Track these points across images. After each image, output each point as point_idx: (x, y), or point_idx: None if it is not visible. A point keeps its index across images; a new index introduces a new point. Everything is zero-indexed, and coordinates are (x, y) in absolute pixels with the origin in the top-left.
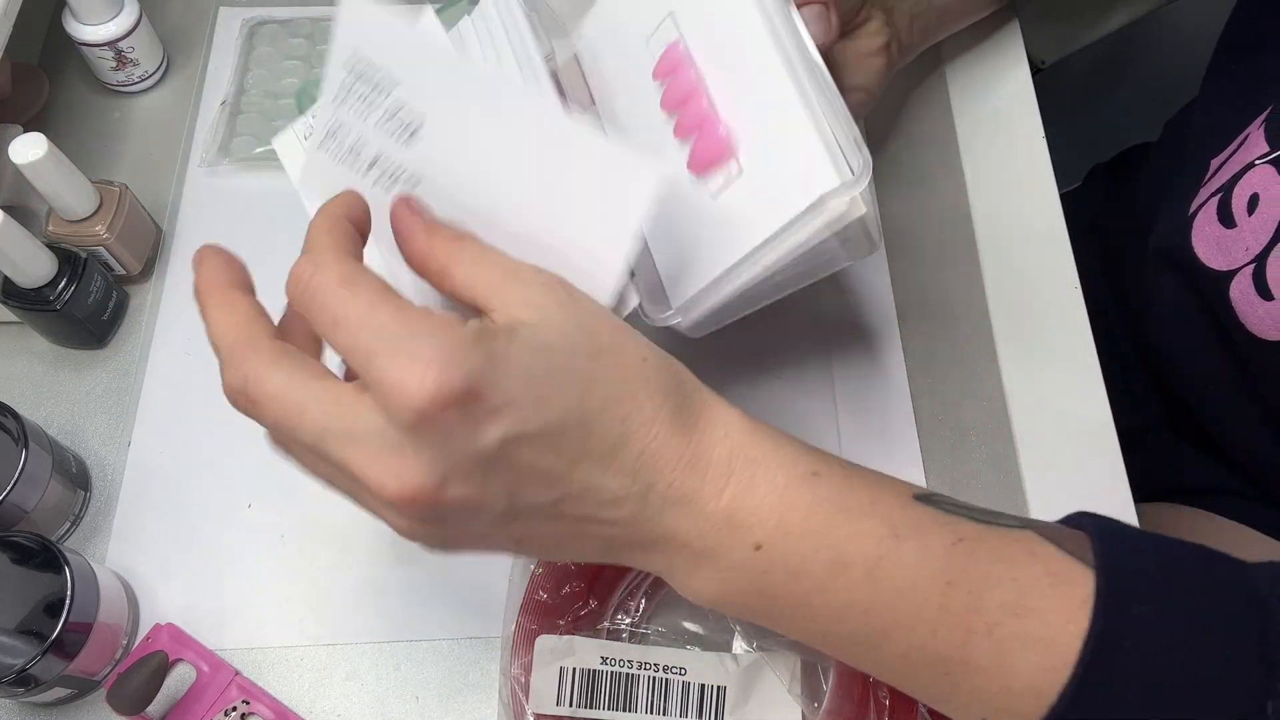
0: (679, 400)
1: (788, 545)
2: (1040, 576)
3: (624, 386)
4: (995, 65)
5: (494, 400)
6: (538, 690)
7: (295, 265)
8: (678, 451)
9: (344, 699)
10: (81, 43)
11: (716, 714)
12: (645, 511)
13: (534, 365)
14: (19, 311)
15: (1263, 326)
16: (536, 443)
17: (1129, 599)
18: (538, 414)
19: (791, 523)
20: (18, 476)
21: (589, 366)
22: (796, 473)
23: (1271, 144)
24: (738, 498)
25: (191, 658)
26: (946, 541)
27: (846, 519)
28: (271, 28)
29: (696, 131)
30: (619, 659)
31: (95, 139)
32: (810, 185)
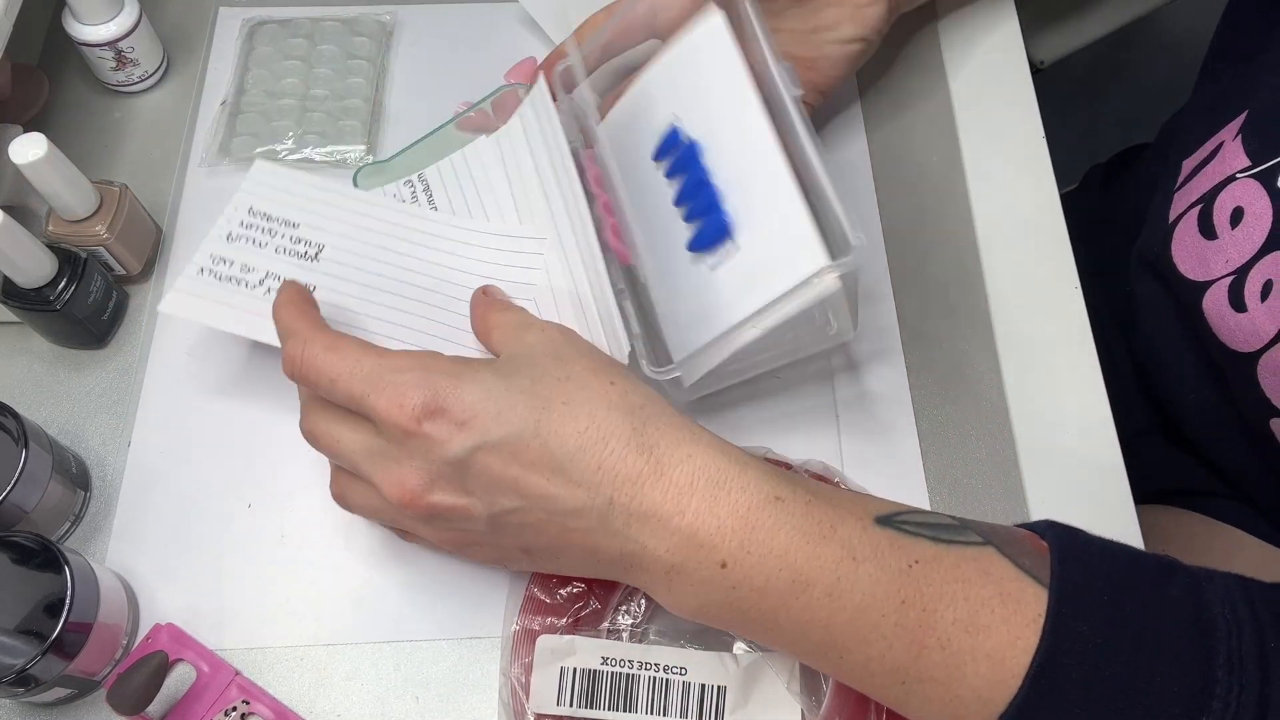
0: (641, 420)
1: (751, 564)
2: (992, 596)
3: (584, 406)
4: (995, 65)
5: (458, 414)
6: (538, 690)
7: (285, 350)
8: (636, 468)
9: (344, 699)
10: (81, 43)
11: (716, 714)
12: (610, 524)
13: (495, 384)
14: (19, 311)
15: (1235, 338)
16: (499, 450)
17: (1077, 618)
18: (498, 425)
19: (754, 543)
20: (18, 476)
21: (552, 387)
22: (760, 496)
23: (1252, 157)
24: (700, 517)
25: (191, 658)
26: (903, 564)
27: (806, 542)
28: (271, 28)
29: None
30: (619, 659)
31: (95, 139)
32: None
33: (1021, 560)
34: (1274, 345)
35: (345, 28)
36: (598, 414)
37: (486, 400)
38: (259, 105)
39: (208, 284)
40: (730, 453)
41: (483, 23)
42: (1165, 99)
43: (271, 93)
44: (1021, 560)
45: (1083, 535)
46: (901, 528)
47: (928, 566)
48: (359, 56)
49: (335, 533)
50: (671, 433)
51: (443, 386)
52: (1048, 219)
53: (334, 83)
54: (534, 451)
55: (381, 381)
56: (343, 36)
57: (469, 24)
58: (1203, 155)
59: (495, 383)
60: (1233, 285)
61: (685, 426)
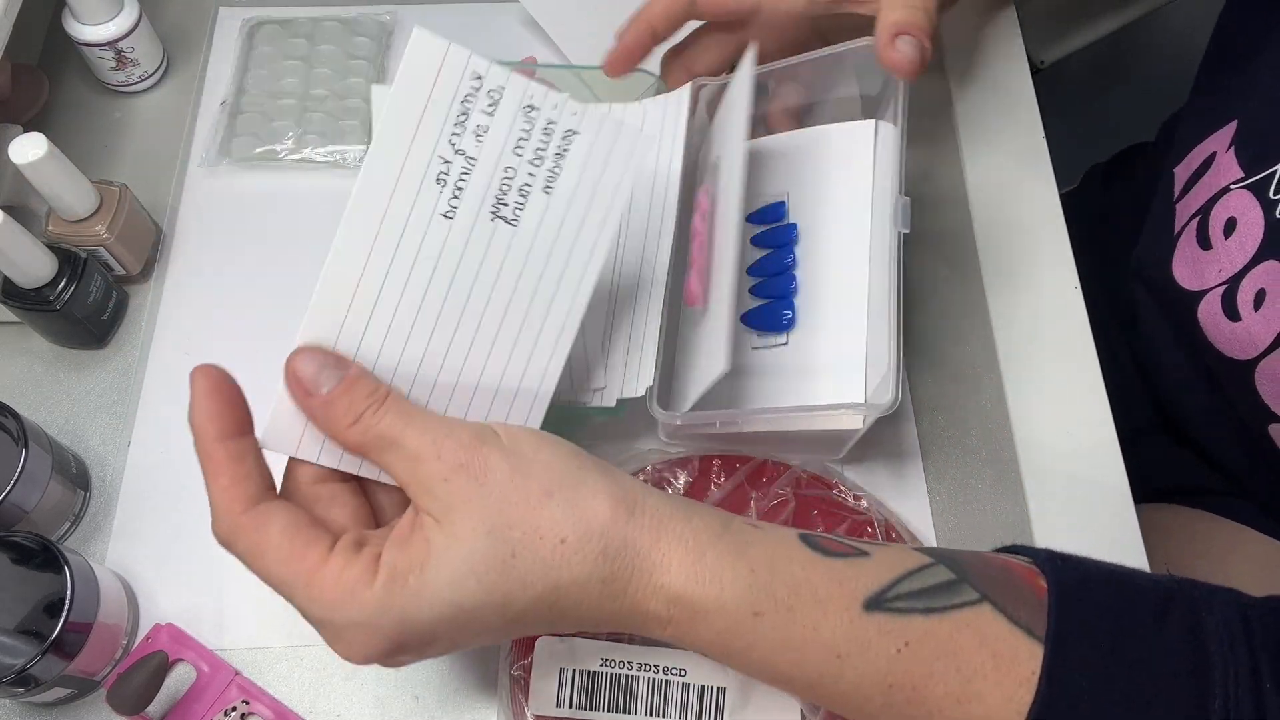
0: (608, 569)
1: (734, 664)
2: (985, 662)
3: (544, 584)
4: (995, 65)
5: (416, 644)
6: (538, 691)
7: (213, 526)
8: (611, 611)
9: (344, 699)
10: (81, 43)
11: (716, 715)
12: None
13: (445, 611)
14: (19, 311)
15: (1230, 346)
16: (473, 641)
17: (1073, 670)
18: (464, 635)
19: (734, 652)
20: (18, 476)
21: (503, 581)
22: (737, 617)
23: (1245, 169)
24: (680, 637)
25: (191, 658)
26: (890, 650)
27: (787, 651)
28: (271, 28)
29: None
30: (619, 660)
31: (95, 139)
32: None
33: (1017, 614)
34: (1271, 352)
35: (345, 28)
36: (562, 585)
37: (448, 626)
38: (259, 105)
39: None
40: (704, 570)
41: (483, 23)
42: (1165, 99)
43: (271, 93)
44: (1017, 614)
45: (1081, 569)
46: (892, 607)
47: (917, 647)
48: (359, 56)
49: None
50: (640, 566)
51: (392, 633)
52: (1048, 219)
53: (334, 83)
54: (514, 629)
55: (322, 622)
56: (343, 36)
57: (469, 24)
58: (1195, 165)
59: (444, 608)
60: (1225, 294)
61: (652, 549)
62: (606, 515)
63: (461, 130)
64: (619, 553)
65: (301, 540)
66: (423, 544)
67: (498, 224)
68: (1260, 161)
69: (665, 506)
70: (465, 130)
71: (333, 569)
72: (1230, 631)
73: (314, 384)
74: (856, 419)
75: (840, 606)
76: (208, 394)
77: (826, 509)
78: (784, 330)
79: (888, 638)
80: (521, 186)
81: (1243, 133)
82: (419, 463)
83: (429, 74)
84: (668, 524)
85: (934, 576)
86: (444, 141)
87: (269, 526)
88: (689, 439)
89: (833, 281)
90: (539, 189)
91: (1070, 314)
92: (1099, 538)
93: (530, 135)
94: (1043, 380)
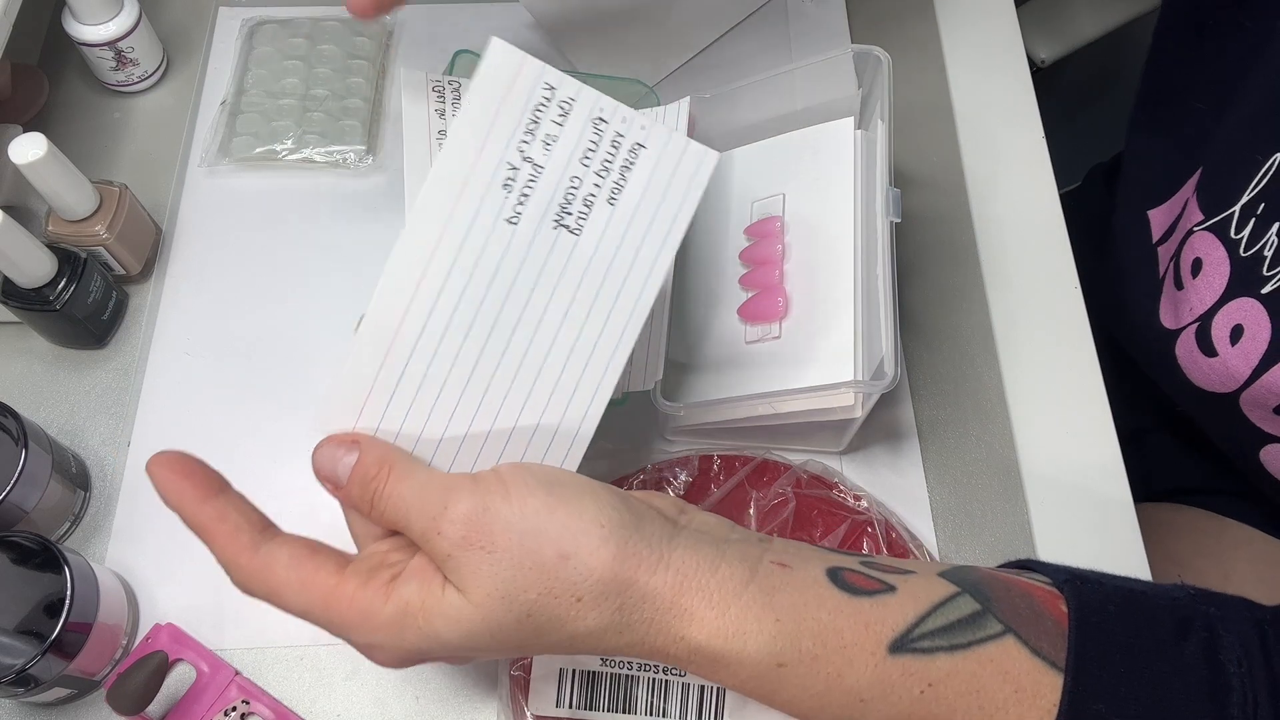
0: (624, 620)
1: (757, 700)
2: (1008, 696)
3: (559, 635)
4: (995, 65)
5: (439, 654)
6: (537, 691)
7: (232, 582)
8: (631, 649)
9: (344, 699)
10: (81, 43)
11: (716, 715)
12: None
13: (458, 645)
14: (19, 311)
15: (1209, 381)
16: (490, 654)
17: (1093, 698)
18: (479, 653)
19: (757, 696)
20: (18, 476)
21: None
22: (760, 669)
23: (1205, 211)
24: (702, 677)
25: (191, 658)
26: (914, 693)
27: (809, 698)
28: (271, 28)
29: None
30: (619, 660)
31: (95, 139)
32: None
33: (1040, 645)
34: (1252, 384)
35: (345, 28)
36: (574, 621)
37: (466, 639)
38: (259, 105)
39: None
40: (729, 624)
41: (483, 23)
42: None
43: (271, 93)
44: (1040, 645)
45: (1100, 591)
46: (917, 648)
47: (941, 687)
48: (359, 56)
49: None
50: (660, 619)
51: (413, 649)
52: (1048, 219)
53: (334, 83)
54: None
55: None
56: (343, 36)
57: (469, 24)
58: (1174, 211)
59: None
60: (1199, 331)
61: (676, 603)
62: (627, 574)
63: (531, 138)
64: (638, 605)
65: (310, 567)
66: (438, 591)
67: (560, 232)
68: (1219, 204)
69: (691, 559)
70: (534, 138)
71: (346, 591)
72: (1247, 650)
73: (335, 478)
74: (857, 405)
75: (866, 652)
76: (169, 478)
77: (826, 509)
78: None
79: (912, 679)
80: (586, 196)
81: (1205, 177)
82: (426, 540)
83: (504, 82)
84: (692, 578)
85: (959, 609)
86: (513, 148)
87: (275, 565)
88: (690, 433)
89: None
90: (603, 200)
91: (1070, 314)
92: (1099, 538)
93: (598, 147)
94: (1043, 380)
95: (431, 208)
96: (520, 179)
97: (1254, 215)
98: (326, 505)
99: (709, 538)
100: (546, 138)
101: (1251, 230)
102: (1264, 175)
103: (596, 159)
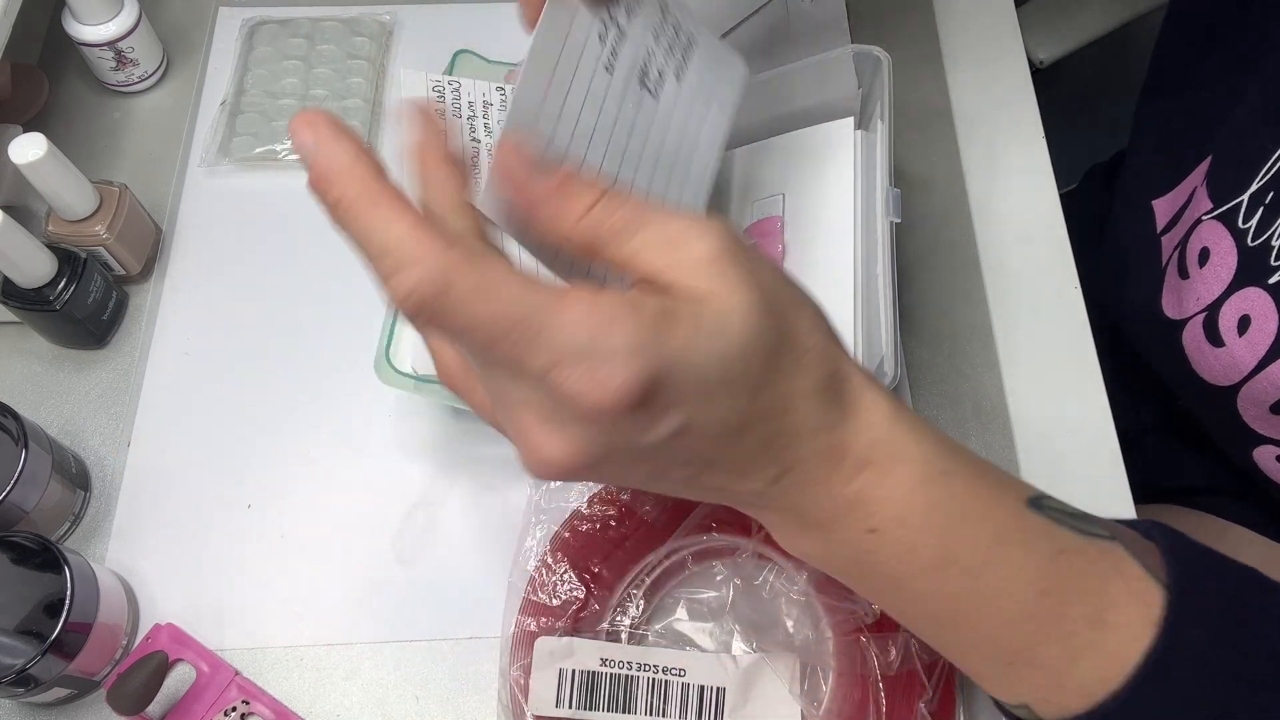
0: (833, 393)
1: (900, 535)
2: (1121, 594)
3: (787, 387)
4: (995, 65)
5: (666, 402)
6: (537, 692)
7: (379, 269)
8: (823, 443)
9: (344, 699)
10: (81, 43)
11: (716, 715)
12: (772, 489)
13: (710, 369)
14: (19, 311)
15: (1213, 373)
16: (695, 436)
17: (1190, 622)
18: (704, 412)
19: (910, 518)
20: (18, 476)
21: (761, 369)
22: (930, 470)
23: (1214, 200)
24: (868, 488)
25: (191, 658)
26: (1050, 551)
27: (963, 523)
28: (271, 28)
29: None
30: (618, 660)
31: (95, 139)
32: None
33: (1147, 560)
34: (1253, 377)
35: (345, 28)
36: (797, 395)
37: (702, 388)
38: (259, 105)
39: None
40: (906, 419)
41: (483, 23)
42: None
43: (271, 93)
44: (1147, 560)
45: (1186, 539)
46: (1050, 514)
47: (1071, 557)
48: (359, 56)
49: (335, 533)
50: (857, 401)
51: (656, 367)
52: (1048, 219)
53: (334, 83)
54: (731, 438)
55: (574, 353)
56: (343, 36)
57: (469, 24)
58: (1179, 200)
59: (709, 365)
60: (1206, 321)
61: (867, 389)
62: (835, 352)
63: (617, 5)
64: (845, 381)
65: (528, 276)
66: (688, 301)
67: (644, 93)
68: (1228, 194)
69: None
70: (620, 6)
71: (583, 294)
72: None
73: (525, 174)
74: None
75: (1011, 497)
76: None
77: None
78: None
79: (1047, 539)
80: (659, 68)
81: (1215, 167)
82: (678, 246)
83: None
84: (870, 383)
85: (1075, 508)
86: (604, 9)
87: (488, 256)
88: None
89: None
90: (672, 74)
91: (1070, 314)
92: None
93: (664, 29)
94: (1043, 381)
95: (546, 39)
96: (610, 36)
97: (1262, 204)
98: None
99: None
100: (629, 4)
101: (1260, 219)
102: (1273, 164)
103: (664, 39)
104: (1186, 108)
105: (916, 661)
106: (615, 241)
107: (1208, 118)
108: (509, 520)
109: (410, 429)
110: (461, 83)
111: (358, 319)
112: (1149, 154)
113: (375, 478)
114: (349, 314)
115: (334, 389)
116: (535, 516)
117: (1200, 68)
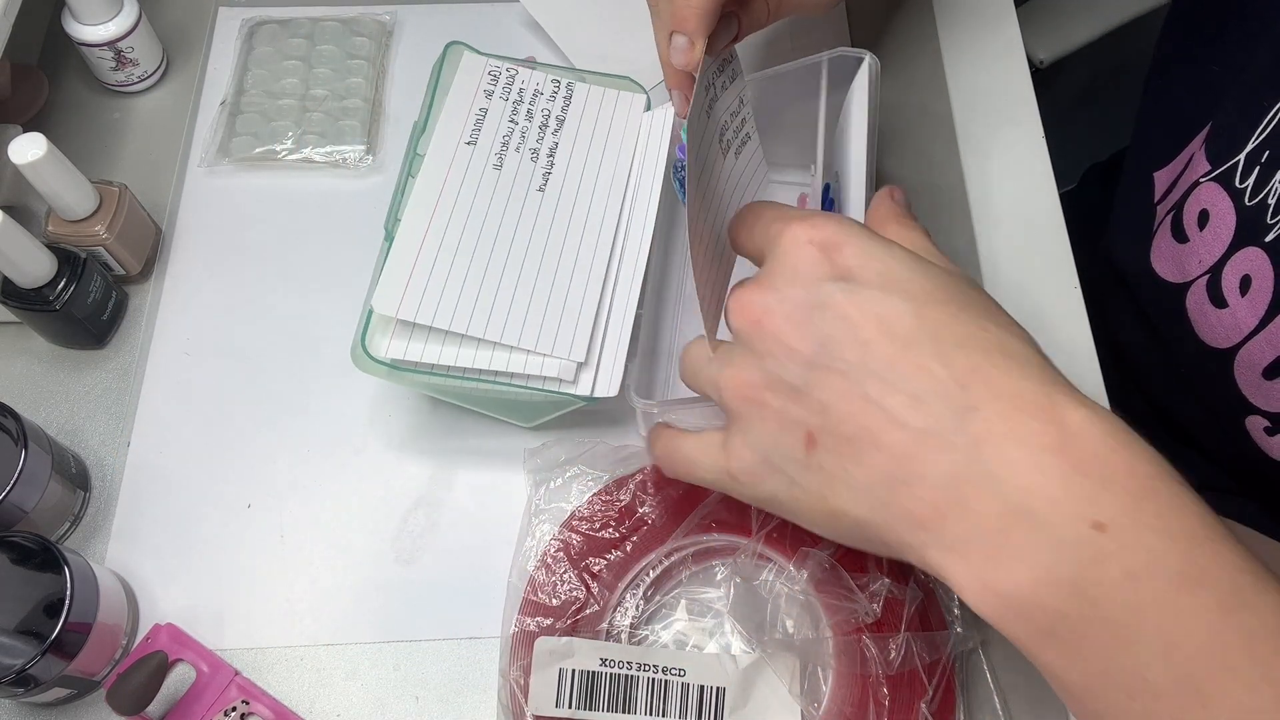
0: (1043, 367)
1: (1133, 537)
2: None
3: (983, 308)
4: (995, 65)
5: (846, 258)
6: (537, 692)
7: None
8: (1029, 393)
9: (344, 699)
10: (81, 43)
11: (716, 715)
12: (948, 435)
13: (908, 273)
14: (19, 311)
15: (1215, 335)
16: (871, 302)
17: None
18: (899, 285)
19: (1145, 512)
20: (17, 476)
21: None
22: (1159, 465)
23: (1212, 162)
24: (1084, 462)
25: (191, 658)
26: None
27: (1205, 530)
28: (271, 28)
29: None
30: (618, 660)
31: (95, 139)
32: None
33: None
34: (1251, 340)
35: (345, 28)
36: (994, 326)
37: (881, 262)
38: (259, 105)
39: None
40: (1117, 416)
41: (483, 23)
42: None
43: (271, 93)
44: None
45: None
46: None
47: None
48: (359, 56)
49: (335, 533)
50: (1062, 379)
51: (841, 227)
52: (1048, 219)
53: (334, 83)
54: (915, 319)
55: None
56: (342, 36)
57: (469, 24)
58: (1178, 169)
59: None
60: (1209, 284)
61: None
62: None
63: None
64: (1045, 363)
65: None
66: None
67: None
68: (1225, 155)
69: None
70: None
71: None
72: None
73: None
74: None
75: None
76: None
77: None
78: None
79: None
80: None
81: (1214, 132)
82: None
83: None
84: None
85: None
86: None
87: None
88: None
89: None
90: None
91: (1070, 314)
92: None
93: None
94: None
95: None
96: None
97: (1259, 163)
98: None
99: None
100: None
101: (1256, 178)
102: (1270, 122)
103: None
104: (1192, 81)
105: (917, 661)
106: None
107: (1212, 88)
108: (509, 520)
109: (411, 429)
110: (519, 70)
111: (357, 319)
112: (1152, 126)
113: (375, 478)
114: (349, 314)
115: (334, 389)
116: (535, 516)
117: (1209, 42)
